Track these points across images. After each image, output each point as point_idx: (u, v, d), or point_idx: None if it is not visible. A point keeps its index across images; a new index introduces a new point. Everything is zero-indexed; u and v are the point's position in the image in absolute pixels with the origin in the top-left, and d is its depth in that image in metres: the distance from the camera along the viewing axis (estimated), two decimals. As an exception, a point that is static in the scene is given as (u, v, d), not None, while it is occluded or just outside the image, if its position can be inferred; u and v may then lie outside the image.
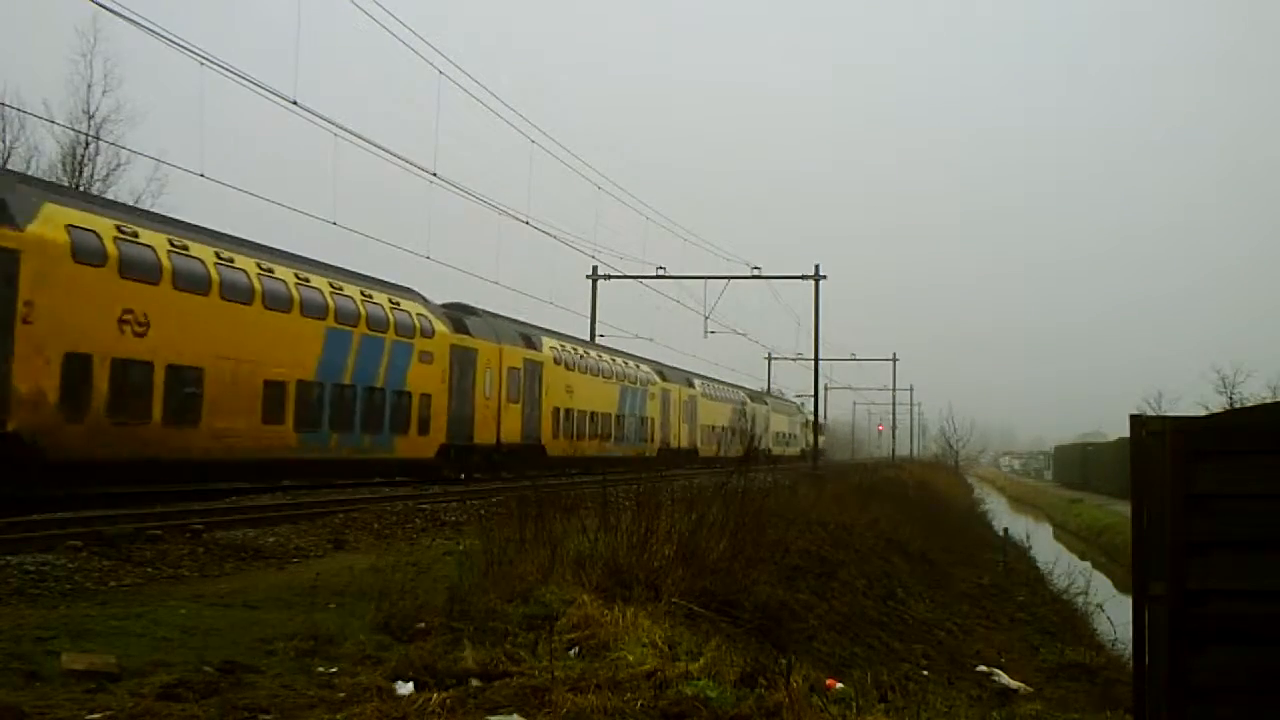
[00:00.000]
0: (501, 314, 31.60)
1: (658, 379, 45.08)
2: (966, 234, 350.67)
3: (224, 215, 24.07)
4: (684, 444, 47.85)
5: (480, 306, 30.57)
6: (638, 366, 43.40)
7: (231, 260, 19.91)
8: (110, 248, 17.08)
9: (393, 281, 26.05)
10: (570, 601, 7.72)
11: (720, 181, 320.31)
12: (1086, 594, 19.96)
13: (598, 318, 42.63)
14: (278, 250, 22.09)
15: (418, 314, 25.99)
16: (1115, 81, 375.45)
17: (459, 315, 28.75)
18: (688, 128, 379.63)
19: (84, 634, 6.77)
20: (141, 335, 17.59)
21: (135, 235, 17.81)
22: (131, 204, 25.87)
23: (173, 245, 18.52)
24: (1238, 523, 5.20)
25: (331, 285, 22.73)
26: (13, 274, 15.30)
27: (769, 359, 73.76)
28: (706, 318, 43.52)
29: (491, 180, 27.58)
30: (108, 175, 32.45)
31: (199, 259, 19.07)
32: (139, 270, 17.58)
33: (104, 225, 17.27)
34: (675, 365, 49.07)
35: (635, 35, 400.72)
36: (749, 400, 59.20)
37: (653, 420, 44.13)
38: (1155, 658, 5.35)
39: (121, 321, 17.23)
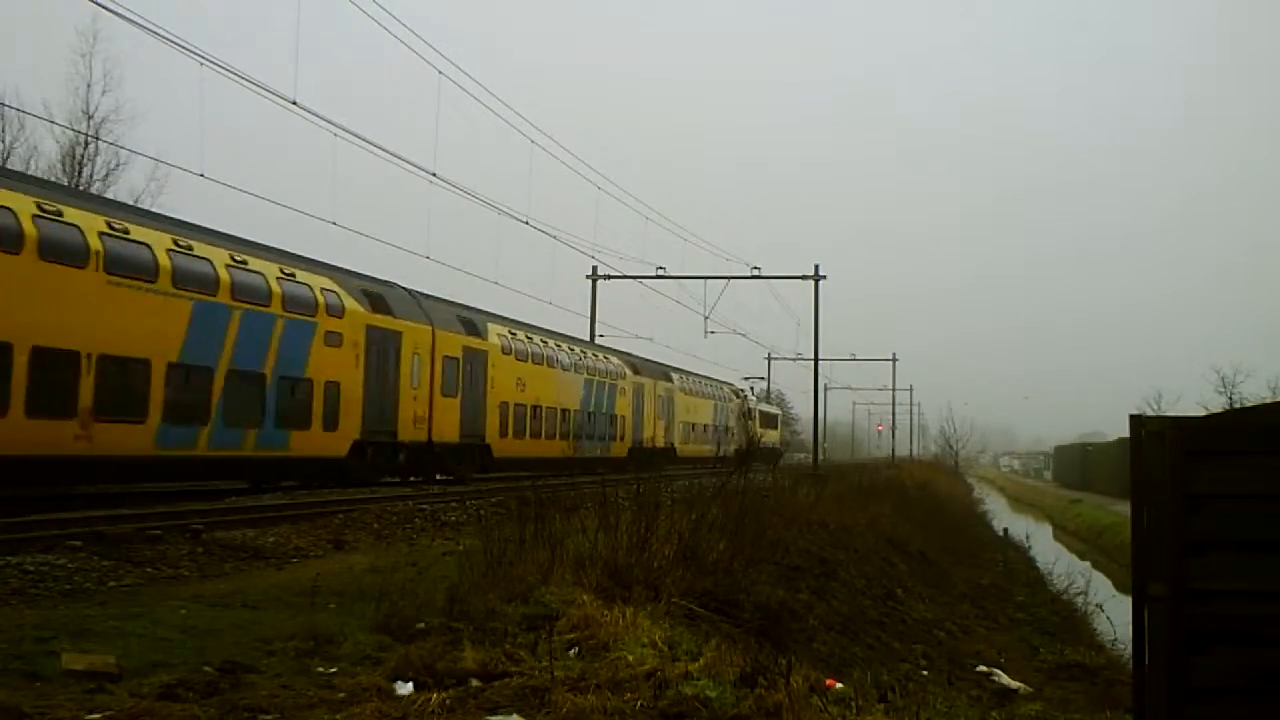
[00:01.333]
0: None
1: (630, 373, 39.96)
2: (966, 234, 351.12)
3: (224, 215, 24.05)
4: (660, 442, 42.47)
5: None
6: (605, 358, 38.21)
7: None
8: None
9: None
10: (570, 602, 7.72)
11: (720, 181, 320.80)
12: (1086, 594, 19.94)
13: (598, 318, 42.59)
14: None
15: None
16: (1115, 81, 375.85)
17: None
18: (688, 128, 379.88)
19: (84, 634, 6.78)
20: None
21: None
22: (131, 203, 25.83)
23: None
24: (1238, 523, 5.20)
25: None
26: None
27: (769, 359, 73.67)
28: (706, 318, 43.33)
29: (491, 180, 27.57)
30: (107, 175, 32.48)
31: None
32: None
33: None
34: (648, 357, 44.11)
35: (635, 36, 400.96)
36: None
37: (625, 419, 38.83)
38: (1155, 658, 5.35)
39: None
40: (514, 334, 30.90)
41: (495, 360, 29.07)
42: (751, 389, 66.26)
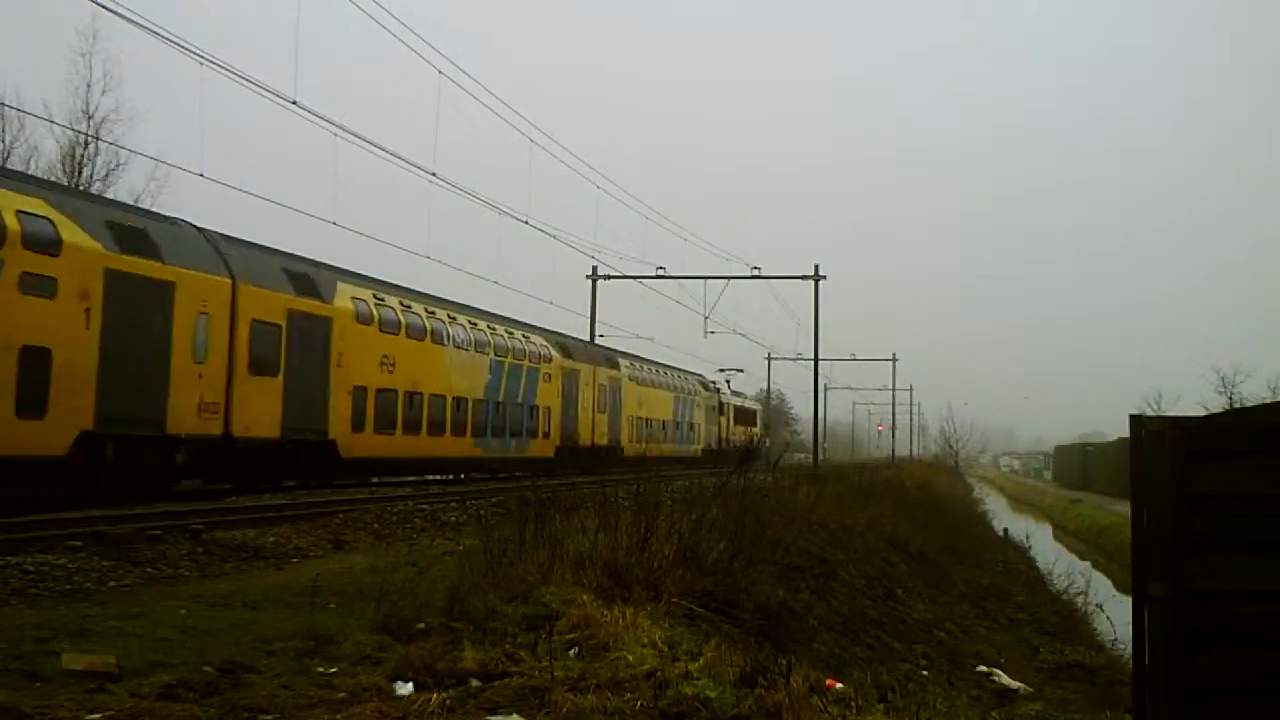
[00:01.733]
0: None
1: (559, 356, 33.82)
2: (966, 234, 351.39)
3: (224, 215, 24.06)
4: (603, 440, 36.83)
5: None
6: (524, 338, 31.69)
7: None
8: None
9: None
10: (570, 602, 7.72)
11: (720, 181, 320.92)
12: (1086, 594, 19.95)
13: (598, 318, 42.61)
14: None
15: None
16: (1116, 81, 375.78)
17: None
18: (688, 128, 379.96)
19: (84, 634, 6.78)
20: None
21: None
22: (132, 203, 25.86)
23: None
24: (1238, 523, 5.20)
25: None
26: None
27: (769, 359, 73.66)
28: (706, 318, 43.30)
29: (491, 180, 27.57)
30: (107, 175, 32.47)
31: None
32: None
33: None
34: (591, 341, 39.34)
35: (635, 36, 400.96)
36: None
37: (550, 411, 32.73)
38: (1155, 658, 5.35)
39: None
40: (380, 299, 24.19)
41: (346, 330, 22.30)
42: (728, 382, 60.52)
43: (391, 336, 24.24)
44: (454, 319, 27.56)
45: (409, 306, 25.48)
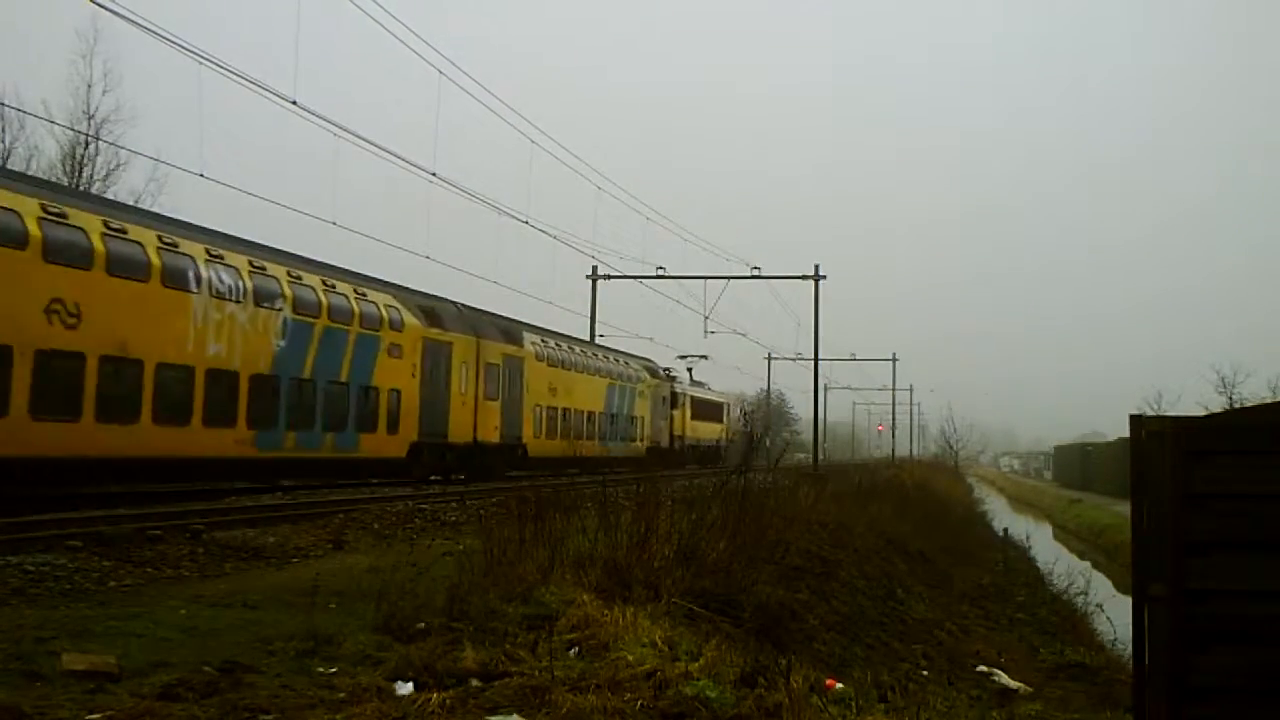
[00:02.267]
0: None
1: (418, 322, 25.13)
2: (966, 234, 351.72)
3: (225, 215, 24.01)
4: (493, 436, 28.46)
5: None
6: (357, 295, 23.03)
7: None
8: None
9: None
10: (570, 601, 7.73)
11: (720, 181, 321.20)
12: (1086, 594, 19.95)
13: (598, 318, 42.54)
14: None
15: None
16: (1117, 82, 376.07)
17: None
18: (688, 128, 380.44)
19: (84, 634, 6.79)
20: None
21: None
22: (132, 204, 25.82)
23: None
24: (1238, 523, 5.20)
25: None
26: None
27: (769, 359, 73.48)
28: (706, 318, 43.06)
29: (491, 180, 27.49)
30: (107, 175, 32.47)
31: None
32: None
33: None
34: (482, 307, 29.65)
35: (634, 38, 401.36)
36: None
37: (400, 395, 24.13)
38: (1155, 658, 5.35)
39: None
40: (56, 214, 15.78)
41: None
42: (690, 370, 51.06)
43: (76, 271, 15.87)
44: (217, 257, 18.89)
45: (122, 232, 16.90)
